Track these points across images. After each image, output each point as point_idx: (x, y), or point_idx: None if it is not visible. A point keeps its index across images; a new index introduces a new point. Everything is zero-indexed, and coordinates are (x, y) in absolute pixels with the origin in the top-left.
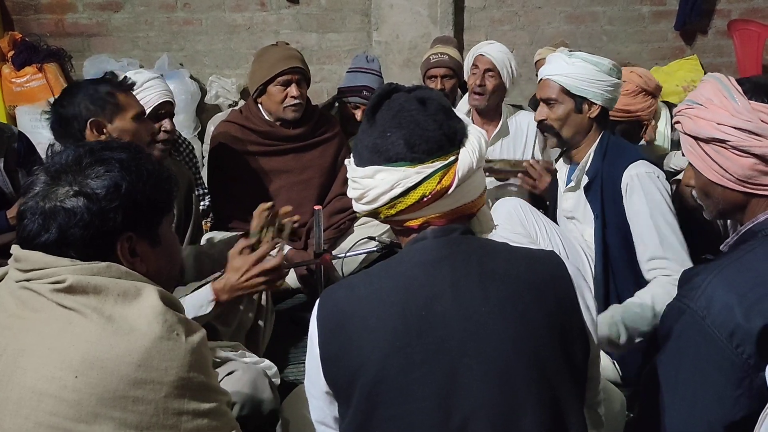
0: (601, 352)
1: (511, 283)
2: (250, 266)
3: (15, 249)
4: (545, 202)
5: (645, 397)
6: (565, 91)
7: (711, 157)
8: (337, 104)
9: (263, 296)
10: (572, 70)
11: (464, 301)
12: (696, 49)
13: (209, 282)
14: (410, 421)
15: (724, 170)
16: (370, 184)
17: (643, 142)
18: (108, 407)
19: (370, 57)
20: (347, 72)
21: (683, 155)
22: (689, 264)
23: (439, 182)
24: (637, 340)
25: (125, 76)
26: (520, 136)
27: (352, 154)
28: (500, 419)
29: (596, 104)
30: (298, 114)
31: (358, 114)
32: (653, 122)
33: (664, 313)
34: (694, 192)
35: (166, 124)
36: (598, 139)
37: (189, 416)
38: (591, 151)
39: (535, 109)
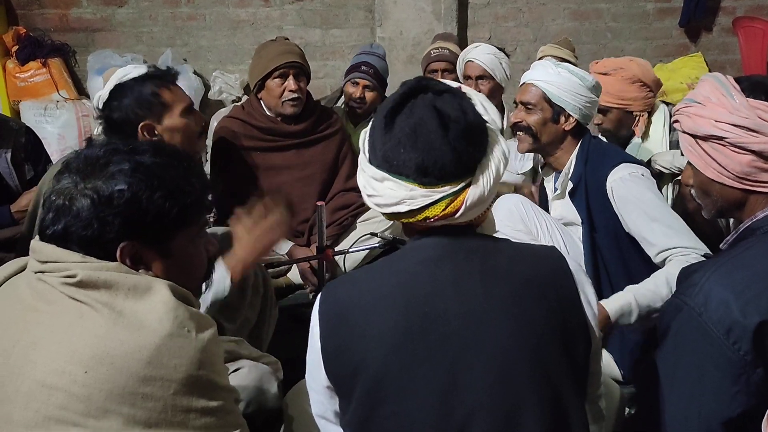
0: (603, 350)
1: (513, 280)
2: (253, 227)
3: (34, 240)
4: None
5: (643, 393)
6: (546, 99)
7: (709, 155)
8: (342, 98)
9: (267, 292)
10: (557, 79)
11: (466, 299)
12: (700, 46)
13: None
14: (412, 418)
15: (723, 167)
16: (378, 188)
17: (636, 138)
18: (117, 403)
19: (375, 45)
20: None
21: (682, 155)
22: (700, 243)
23: (444, 209)
24: (654, 315)
25: (168, 68)
26: None
27: (365, 143)
28: (502, 416)
29: (573, 117)
30: (298, 109)
31: (358, 91)
32: (645, 115)
33: (662, 309)
34: (692, 191)
35: None
36: (578, 145)
37: (197, 413)
38: (573, 157)
39: None
